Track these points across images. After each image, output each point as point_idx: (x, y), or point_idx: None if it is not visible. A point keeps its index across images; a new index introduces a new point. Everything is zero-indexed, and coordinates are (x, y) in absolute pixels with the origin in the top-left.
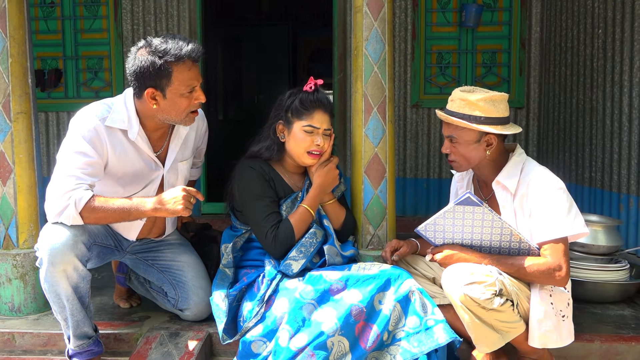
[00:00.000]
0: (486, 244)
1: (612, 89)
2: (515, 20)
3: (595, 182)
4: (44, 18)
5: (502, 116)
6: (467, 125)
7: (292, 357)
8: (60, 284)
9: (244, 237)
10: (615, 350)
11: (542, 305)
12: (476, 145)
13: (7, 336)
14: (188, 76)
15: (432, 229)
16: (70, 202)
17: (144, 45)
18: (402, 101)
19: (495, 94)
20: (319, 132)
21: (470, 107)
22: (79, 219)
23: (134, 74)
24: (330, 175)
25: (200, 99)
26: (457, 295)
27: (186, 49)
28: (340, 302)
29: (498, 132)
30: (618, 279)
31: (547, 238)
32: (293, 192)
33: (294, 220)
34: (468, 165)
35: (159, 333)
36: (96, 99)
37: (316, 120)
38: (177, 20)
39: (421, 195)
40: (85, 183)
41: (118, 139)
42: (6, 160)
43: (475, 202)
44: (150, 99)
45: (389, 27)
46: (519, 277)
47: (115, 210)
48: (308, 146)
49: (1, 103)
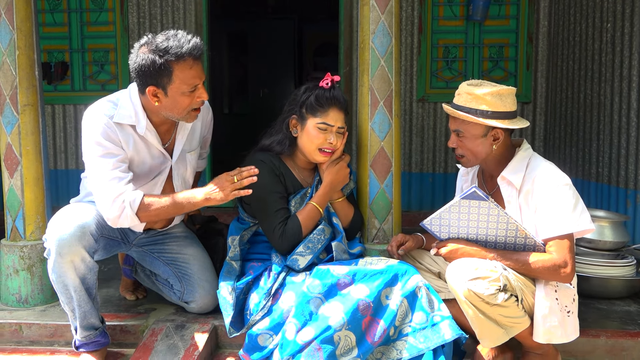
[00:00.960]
0: (491, 238)
1: (620, 84)
2: (523, 14)
3: (602, 178)
4: (51, 11)
5: (510, 110)
6: (474, 119)
7: (299, 350)
8: (67, 274)
9: (252, 230)
10: (621, 346)
11: (547, 301)
12: (483, 139)
13: (15, 327)
14: (190, 75)
15: (437, 223)
16: (125, 205)
17: (146, 43)
18: (409, 95)
19: (502, 87)
20: (332, 130)
21: (477, 101)
22: (136, 219)
23: (135, 72)
24: (341, 174)
25: (203, 97)
26: (461, 290)
27: (187, 47)
28: (347, 296)
29: (505, 127)
30: (624, 275)
31: (553, 234)
32: (302, 187)
33: (302, 218)
34: (476, 160)
35: (165, 325)
36: (102, 91)
37: (331, 118)
38: (183, 14)
39: (427, 190)
40: (126, 180)
41: (128, 133)
42: (13, 152)
43: (481, 196)
44: (152, 97)
45: (396, 20)
46: (524, 272)
47: (169, 206)
48: (321, 143)
49: (8, 95)
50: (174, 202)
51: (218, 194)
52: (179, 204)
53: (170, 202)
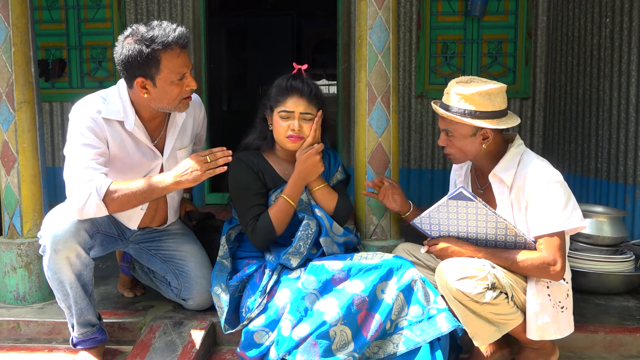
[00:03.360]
0: (482, 237)
1: (619, 79)
2: (522, 10)
3: (601, 173)
4: (48, 7)
5: (499, 109)
6: (462, 120)
7: (295, 346)
8: (63, 271)
9: (238, 229)
10: (620, 342)
11: (538, 297)
12: (472, 139)
13: (12, 324)
14: (177, 63)
15: (427, 222)
16: (92, 191)
17: (131, 34)
18: (407, 91)
19: (492, 86)
20: (294, 116)
21: (466, 101)
22: (103, 207)
23: (122, 64)
24: (310, 162)
25: (192, 86)
26: (450, 290)
27: (173, 36)
28: (342, 291)
29: (492, 127)
30: (623, 270)
31: (543, 232)
32: (284, 181)
33: (272, 212)
34: (465, 157)
35: (163, 322)
36: (100, 88)
37: (290, 105)
38: (181, 10)
39: (425, 187)
40: (100, 172)
41: (116, 130)
42: (10, 149)
43: (468, 197)
44: (141, 88)
45: (393, 15)
46: (514, 270)
47: (137, 192)
48: (285, 131)
49: (4, 92)
50: (143, 188)
51: (190, 175)
52: (148, 189)
53: (139, 188)
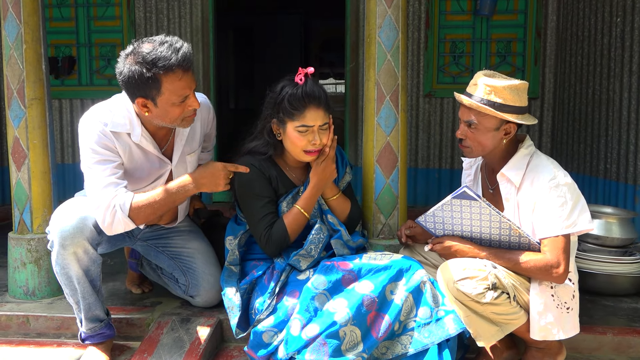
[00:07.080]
0: (486, 236)
1: (629, 79)
2: (531, 9)
3: (610, 174)
4: (58, 5)
5: (524, 105)
6: (492, 112)
7: (304, 346)
8: (71, 266)
9: (248, 233)
10: (628, 343)
11: (541, 298)
12: (495, 132)
13: (22, 319)
14: (179, 86)
15: (431, 221)
16: (116, 209)
17: (132, 52)
18: (415, 90)
19: (518, 82)
20: (313, 130)
21: (497, 93)
22: (130, 222)
23: (123, 83)
24: (327, 172)
25: (194, 106)
26: (451, 291)
27: (176, 58)
28: (352, 292)
29: (519, 122)
30: (632, 272)
31: (548, 234)
32: (295, 186)
33: (287, 222)
34: (482, 152)
35: (171, 318)
36: (109, 86)
37: (309, 119)
38: (190, 8)
39: (433, 186)
40: (121, 187)
41: (124, 141)
42: (21, 145)
43: (472, 196)
44: (142, 107)
45: (402, 14)
46: (516, 271)
47: (161, 202)
48: (304, 146)
49: (16, 89)
50: (166, 197)
51: (214, 186)
52: (171, 197)
53: (162, 198)
